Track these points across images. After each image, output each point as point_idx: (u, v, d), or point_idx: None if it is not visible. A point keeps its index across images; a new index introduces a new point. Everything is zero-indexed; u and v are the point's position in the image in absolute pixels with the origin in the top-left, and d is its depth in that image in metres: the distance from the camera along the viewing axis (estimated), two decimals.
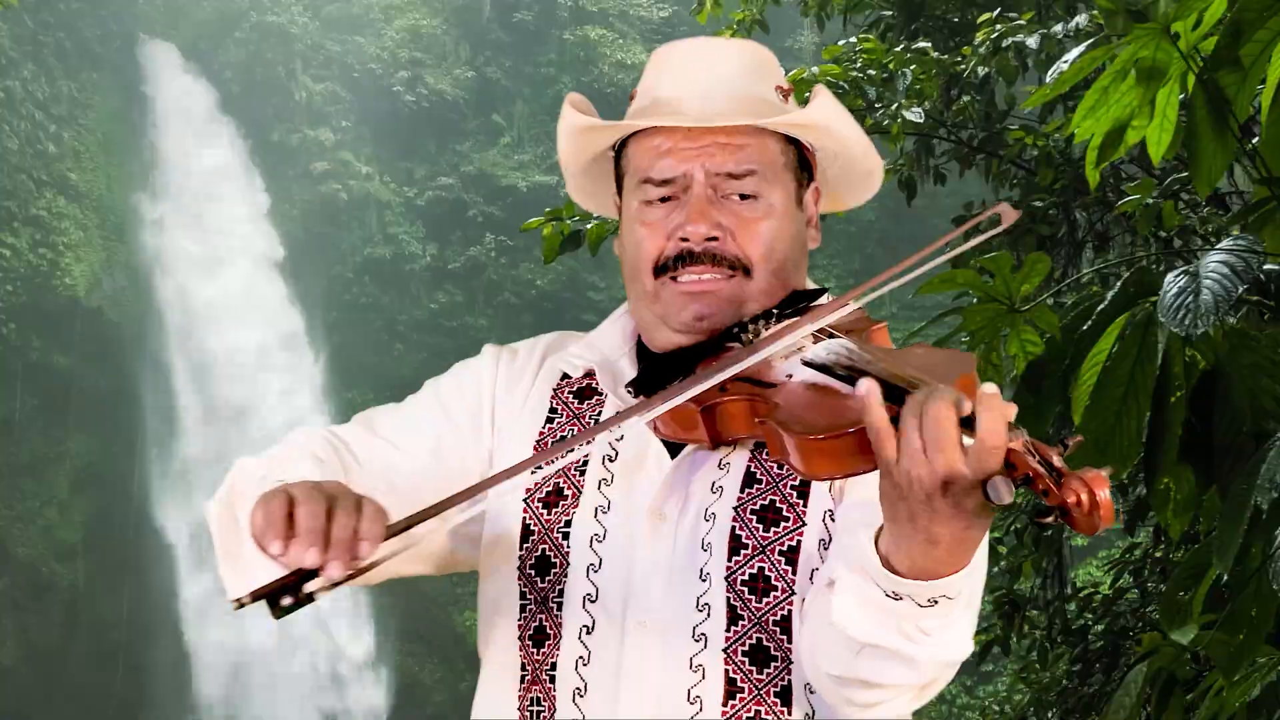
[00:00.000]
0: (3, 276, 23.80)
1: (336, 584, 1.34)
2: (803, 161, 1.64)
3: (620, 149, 1.66)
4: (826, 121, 1.62)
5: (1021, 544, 6.50)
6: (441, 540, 1.64)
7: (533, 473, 1.56)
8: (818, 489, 1.51)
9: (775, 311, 1.55)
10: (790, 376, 1.44)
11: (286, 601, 1.30)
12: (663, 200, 1.58)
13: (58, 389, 24.30)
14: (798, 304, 1.57)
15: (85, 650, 23.49)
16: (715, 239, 1.55)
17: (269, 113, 28.00)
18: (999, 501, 1.13)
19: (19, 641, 22.92)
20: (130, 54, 27.18)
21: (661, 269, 1.57)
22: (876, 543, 1.27)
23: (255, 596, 1.30)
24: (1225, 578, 2.35)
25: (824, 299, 1.59)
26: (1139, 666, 2.73)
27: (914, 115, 5.50)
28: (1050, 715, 6.46)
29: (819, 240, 1.68)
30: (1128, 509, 6.17)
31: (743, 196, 1.57)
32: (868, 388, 1.20)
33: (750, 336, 1.52)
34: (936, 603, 1.25)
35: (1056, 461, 1.13)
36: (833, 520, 1.49)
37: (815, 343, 1.46)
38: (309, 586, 1.31)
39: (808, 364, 1.43)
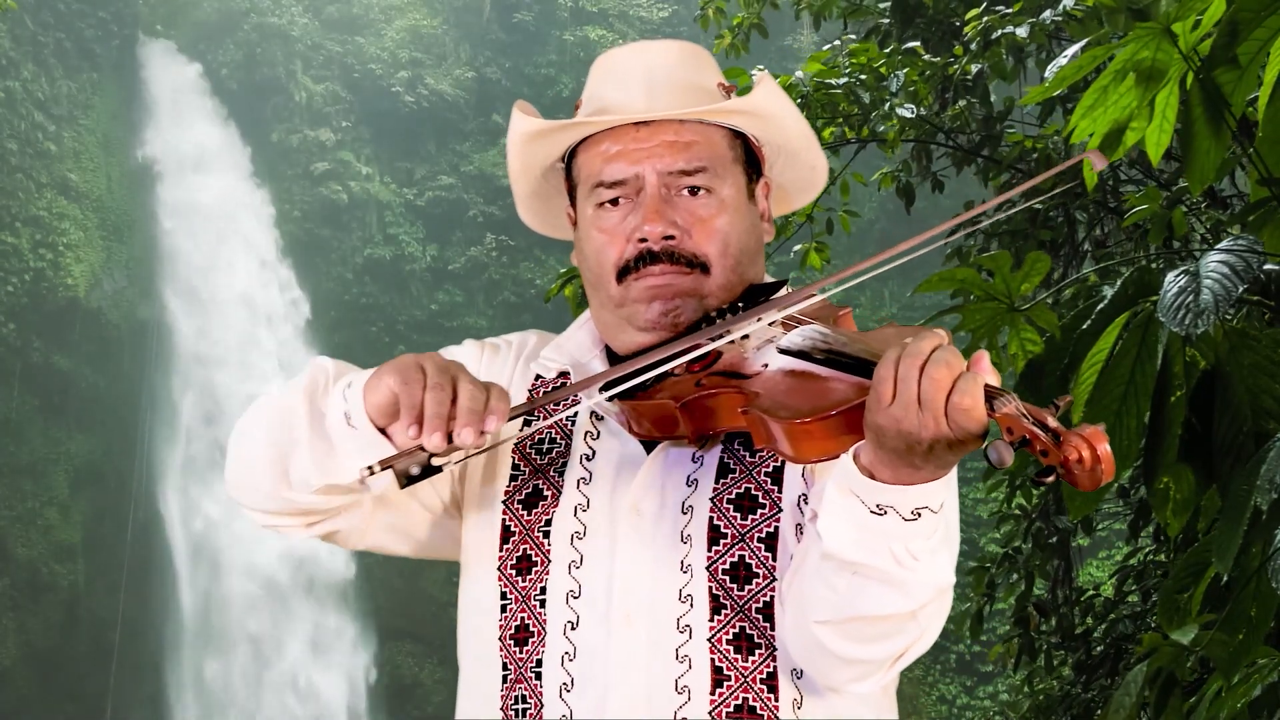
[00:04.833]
0: (3, 276, 23.78)
1: (465, 457, 1.38)
2: (750, 157, 1.66)
3: (570, 160, 1.67)
4: (772, 108, 1.63)
5: (1038, 547, 6.48)
6: (424, 525, 1.68)
7: (526, 424, 1.64)
8: (791, 475, 1.53)
9: (740, 305, 1.57)
10: (766, 366, 1.46)
11: (415, 470, 1.35)
12: (616, 203, 1.60)
13: (58, 389, 24.28)
14: (758, 297, 1.58)
15: (84, 650, 23.46)
16: (672, 238, 1.57)
17: (269, 113, 27.98)
18: (1000, 465, 1.18)
19: (18, 641, 22.89)
20: (130, 54, 27.16)
21: (624, 272, 1.59)
22: (857, 459, 1.31)
23: (385, 465, 1.35)
24: (1225, 578, 2.35)
25: (783, 291, 1.60)
26: (1139, 667, 2.72)
27: (906, 111, 5.46)
28: None
29: (772, 233, 1.70)
30: (1130, 512, 6.15)
31: (694, 193, 1.59)
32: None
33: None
34: (920, 515, 1.30)
35: (1052, 422, 1.17)
36: (806, 504, 1.50)
37: (786, 331, 1.48)
38: (437, 459, 1.36)
39: (784, 351, 1.44)
